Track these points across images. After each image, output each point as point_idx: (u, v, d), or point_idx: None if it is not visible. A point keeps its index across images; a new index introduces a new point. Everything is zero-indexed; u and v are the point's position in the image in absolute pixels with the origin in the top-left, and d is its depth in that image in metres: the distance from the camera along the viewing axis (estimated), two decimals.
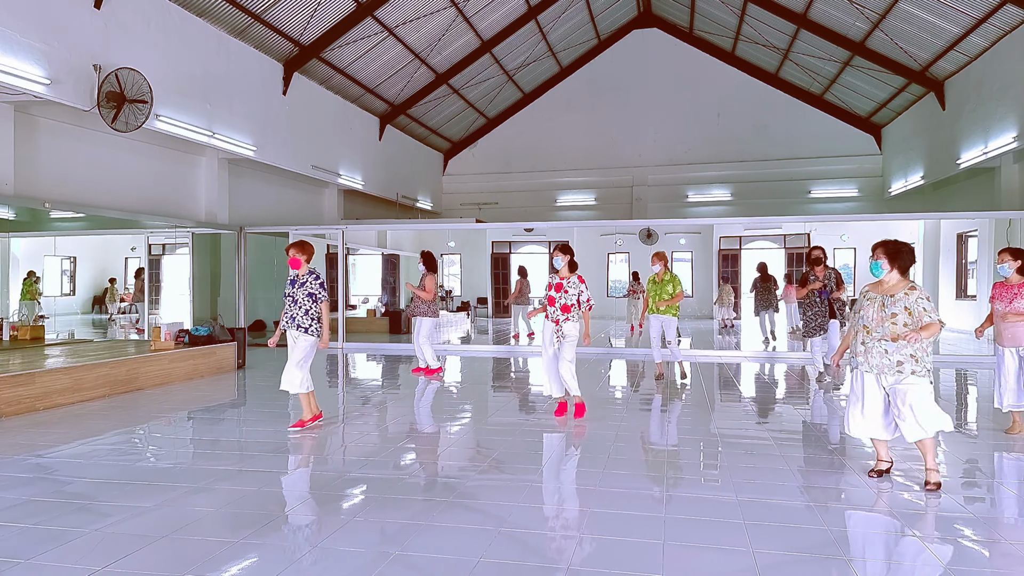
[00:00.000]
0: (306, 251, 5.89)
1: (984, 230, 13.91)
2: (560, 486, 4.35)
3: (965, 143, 13.52)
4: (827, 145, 19.21)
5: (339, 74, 14.14)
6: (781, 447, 5.26)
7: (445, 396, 7.90)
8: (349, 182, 15.51)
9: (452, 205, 21.60)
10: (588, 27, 18.71)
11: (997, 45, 12.08)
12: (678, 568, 3.06)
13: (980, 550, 3.34)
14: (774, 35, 16.61)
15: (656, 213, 20.18)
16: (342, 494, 4.17)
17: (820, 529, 3.54)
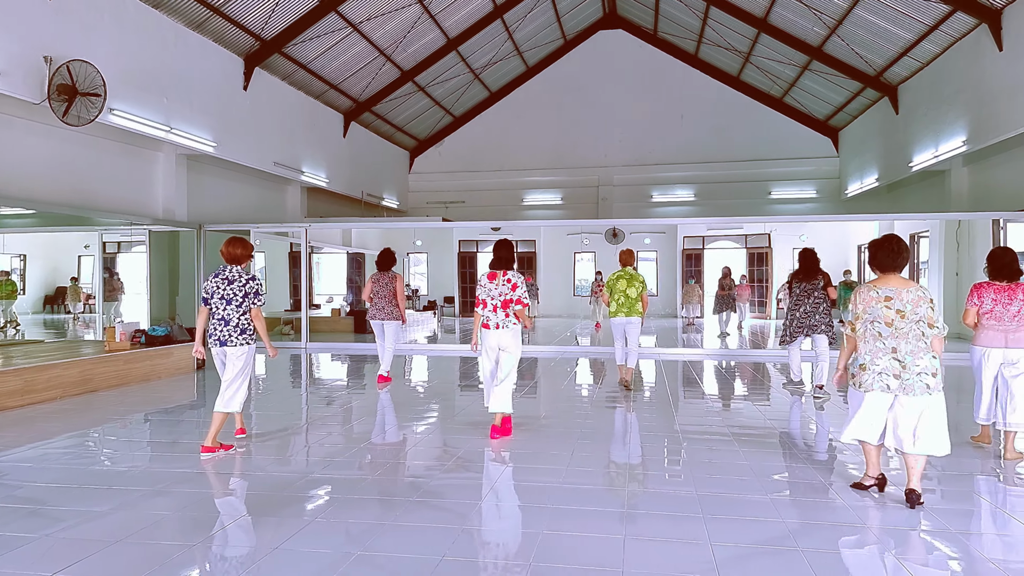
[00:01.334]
0: (248, 248, 5.29)
1: (935, 231, 14.38)
2: (524, 483, 4.36)
3: (917, 146, 13.95)
4: (786, 147, 19.64)
5: (302, 69, 13.94)
6: (741, 443, 5.36)
7: (412, 396, 7.86)
8: (313, 179, 15.30)
9: (418, 203, 21.50)
10: (554, 27, 18.79)
11: (948, 52, 12.49)
12: (638, 562, 3.10)
13: (931, 540, 3.45)
14: (735, 38, 16.91)
15: (622, 213, 20.40)
16: (304, 495, 4.12)
17: (777, 522, 3.62)
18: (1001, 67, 10.76)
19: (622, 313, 7.84)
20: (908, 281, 3.99)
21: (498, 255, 5.70)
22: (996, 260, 5.18)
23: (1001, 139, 11.03)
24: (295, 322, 13.70)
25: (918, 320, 3.87)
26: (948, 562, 3.22)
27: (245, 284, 5.12)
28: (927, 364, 3.84)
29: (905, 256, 4.02)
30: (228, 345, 5.07)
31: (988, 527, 3.68)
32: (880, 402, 3.94)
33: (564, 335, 15.35)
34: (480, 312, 5.65)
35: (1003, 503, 4.07)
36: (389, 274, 8.44)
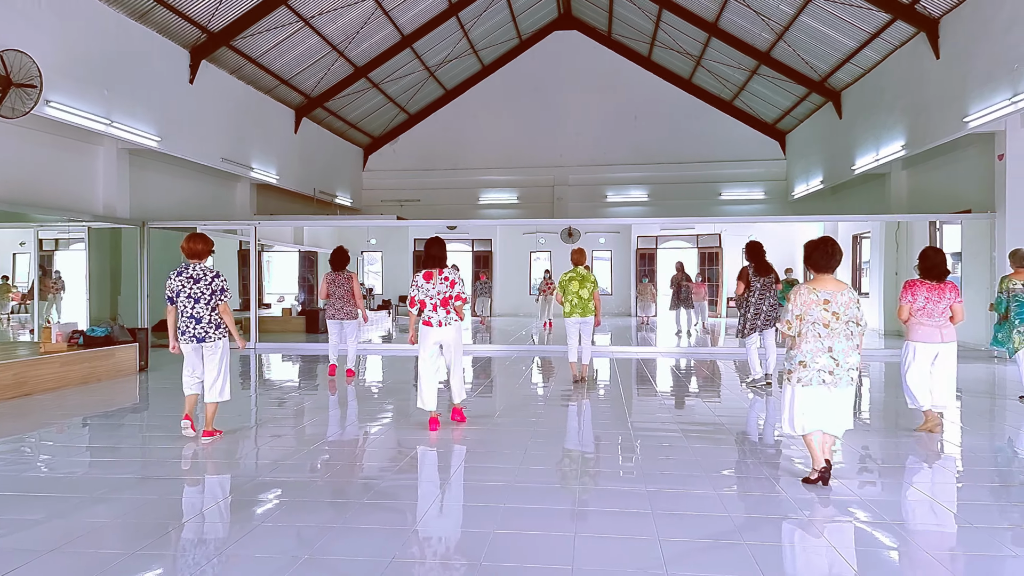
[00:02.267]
0: (208, 244, 5.38)
1: (876, 232, 14.94)
2: (476, 483, 4.35)
3: (859, 150, 14.45)
4: (736, 149, 20.11)
5: (251, 64, 13.61)
6: (691, 439, 5.46)
7: (366, 397, 7.76)
8: (262, 176, 14.97)
9: (373, 201, 21.26)
10: (509, 26, 18.81)
11: (888, 59, 12.97)
12: (588, 559, 3.13)
13: (872, 532, 3.58)
14: (687, 42, 17.22)
15: (577, 212, 20.56)
16: (253, 499, 4.03)
17: (724, 517, 3.70)
18: (937, 74, 11.23)
19: (576, 314, 7.91)
20: (841, 283, 4.22)
21: (432, 254, 5.79)
22: (927, 260, 5.46)
23: (936, 144, 11.51)
24: (244, 322, 13.38)
25: (848, 320, 4.11)
26: (886, 553, 3.33)
27: (211, 282, 5.27)
28: (854, 360, 4.14)
29: (838, 258, 4.24)
30: (207, 342, 5.27)
31: (924, 518, 3.82)
32: (817, 395, 4.16)
33: (519, 334, 15.39)
34: (414, 312, 5.76)
35: (936, 493, 4.24)
36: (344, 273, 8.41)
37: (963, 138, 11.07)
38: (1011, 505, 3.95)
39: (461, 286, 5.76)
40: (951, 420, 6.13)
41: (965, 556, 3.23)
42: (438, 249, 5.78)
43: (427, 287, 5.69)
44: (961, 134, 10.69)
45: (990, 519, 3.70)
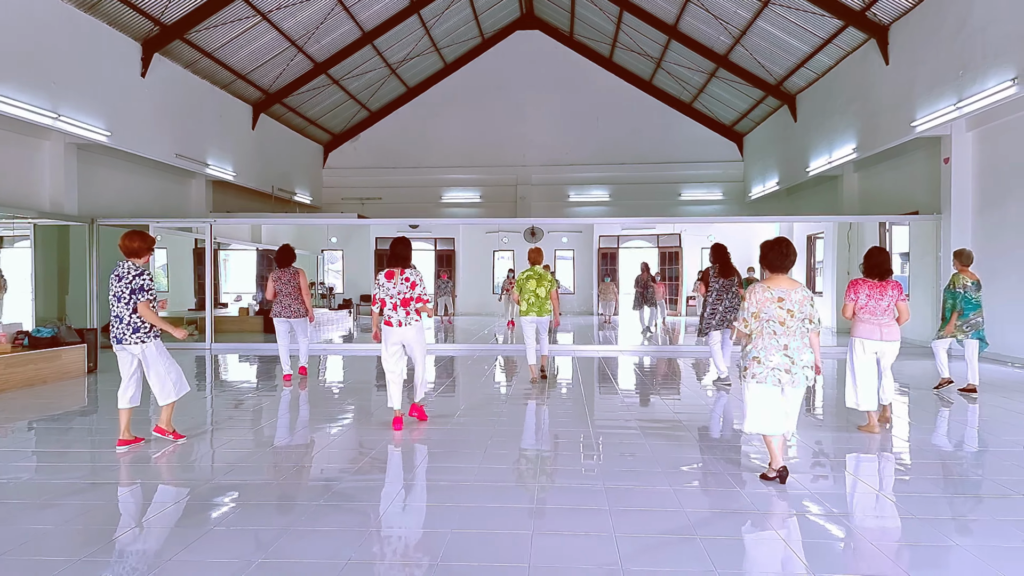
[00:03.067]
0: (147, 241, 5.14)
1: (829, 232, 15.35)
2: (436, 482, 4.33)
3: (813, 153, 14.83)
4: (695, 151, 20.44)
5: (206, 57, 13.30)
6: (649, 436, 5.53)
7: (326, 397, 7.65)
8: (219, 173, 14.64)
9: (333, 199, 20.99)
10: (472, 25, 18.77)
11: (840, 64, 13.34)
12: (544, 556, 3.14)
13: (823, 524, 3.67)
14: (648, 44, 17.43)
15: (540, 212, 20.64)
16: (208, 502, 3.94)
17: (679, 512, 3.76)
18: (887, 80, 11.59)
19: (533, 312, 7.97)
20: (795, 282, 4.29)
21: (396, 253, 5.77)
22: (870, 259, 5.65)
23: (886, 147, 11.89)
24: (199, 322, 13.08)
25: (803, 319, 4.19)
26: (835, 545, 3.42)
27: (132, 280, 5.01)
28: (808, 358, 4.21)
29: (792, 258, 4.33)
30: (123, 343, 5.04)
31: (871, 511, 3.94)
32: (774, 395, 4.23)
33: (482, 333, 15.37)
34: (375, 310, 5.78)
35: (883, 487, 4.38)
36: (291, 270, 8.25)
37: (911, 142, 11.45)
38: (953, 497, 4.11)
39: (422, 287, 5.74)
40: (898, 415, 6.34)
41: (910, 547, 3.34)
42: (403, 248, 5.76)
43: (388, 286, 5.70)
44: (909, 138, 11.06)
45: (934, 511, 3.84)
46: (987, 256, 10.42)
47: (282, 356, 8.34)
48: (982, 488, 4.24)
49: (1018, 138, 9.73)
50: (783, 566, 3.11)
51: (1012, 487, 4.21)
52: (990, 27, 8.91)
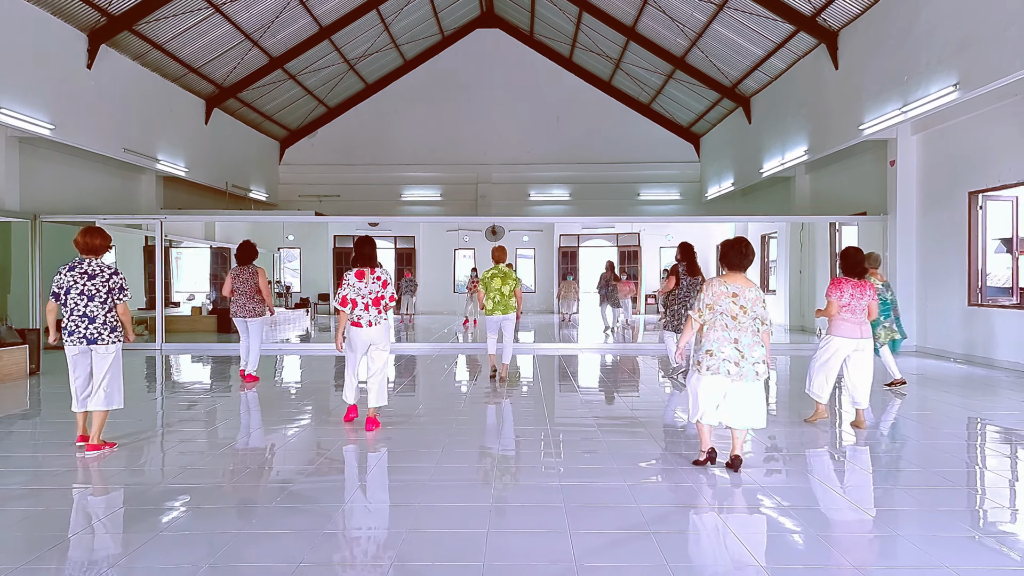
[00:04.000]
0: (106, 239, 5.05)
1: (782, 232, 15.73)
2: (393, 482, 4.30)
3: (767, 154, 15.17)
4: (654, 151, 20.71)
5: (156, 49, 12.91)
6: (607, 432, 5.58)
7: (282, 397, 7.52)
8: (170, 168, 14.24)
9: (290, 196, 20.62)
10: (431, 22, 18.65)
11: (792, 68, 13.67)
12: (499, 554, 3.15)
13: (775, 517, 3.76)
14: (607, 45, 17.58)
15: (500, 210, 20.64)
16: (158, 506, 3.82)
17: (633, 507, 3.80)
18: (836, 84, 11.92)
19: (499, 311, 8.02)
20: (750, 281, 4.45)
21: (363, 252, 5.70)
22: (850, 259, 5.77)
23: (835, 150, 12.23)
24: (149, 321, 12.71)
25: (755, 317, 4.35)
26: (787, 537, 3.51)
27: (109, 279, 4.94)
28: (759, 354, 4.36)
29: (751, 258, 4.47)
30: (99, 343, 4.91)
31: (822, 504, 4.05)
32: (720, 386, 4.38)
33: (443, 332, 15.31)
34: (347, 311, 5.63)
35: (832, 479, 4.51)
36: (250, 268, 8.09)
37: (859, 144, 11.81)
38: (902, 489, 4.25)
39: (392, 287, 5.72)
40: (848, 410, 6.54)
41: (859, 538, 3.45)
42: (369, 248, 5.71)
43: (359, 286, 5.61)
44: (857, 141, 11.40)
45: (884, 503, 3.97)
46: (930, 255, 10.83)
47: (243, 355, 8.17)
48: (926, 479, 4.39)
49: (959, 142, 10.12)
50: (735, 559, 3.18)
51: (953, 479, 4.38)
52: (934, 34, 9.24)
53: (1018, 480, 4.50)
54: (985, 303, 9.80)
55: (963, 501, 4.01)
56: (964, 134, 10.00)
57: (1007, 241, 10.03)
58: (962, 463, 4.85)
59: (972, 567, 3.04)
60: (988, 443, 5.61)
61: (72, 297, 4.85)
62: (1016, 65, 7.73)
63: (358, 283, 5.60)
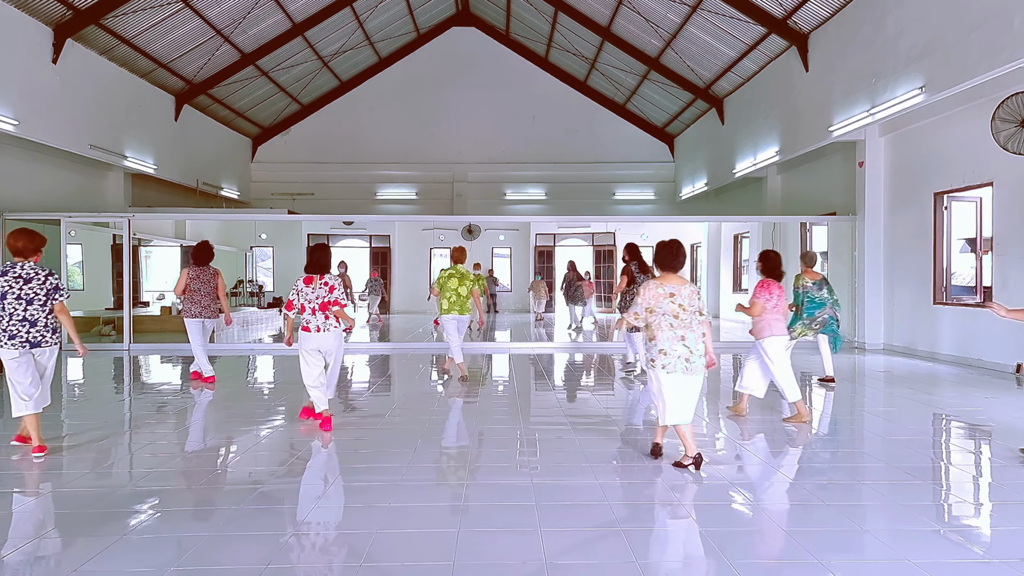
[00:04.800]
0: (35, 241, 4.86)
1: (754, 232, 15.91)
2: (363, 483, 4.25)
3: (739, 155, 15.34)
4: (629, 151, 20.83)
5: (125, 44, 12.65)
6: (578, 431, 5.60)
7: (254, 397, 7.42)
8: (138, 165, 13.96)
9: (263, 194, 20.35)
10: (407, 20, 18.55)
11: (764, 70, 13.84)
12: (469, 554, 3.13)
13: (743, 512, 3.80)
14: (583, 45, 17.64)
15: (476, 209, 20.60)
16: (121, 510, 3.74)
17: (603, 505, 3.81)
18: (807, 86, 12.09)
19: (455, 311, 8.03)
20: (684, 280, 4.62)
21: (314, 260, 5.77)
22: (770, 260, 6.01)
23: (806, 151, 12.41)
24: (117, 321, 12.46)
25: (694, 311, 4.52)
26: (752, 532, 3.55)
27: (45, 281, 4.82)
28: (702, 348, 4.55)
29: (682, 259, 4.68)
30: (43, 346, 4.86)
31: (783, 498, 4.10)
32: (680, 383, 4.50)
33: (417, 332, 15.23)
34: (290, 314, 5.76)
35: (793, 475, 4.57)
36: (211, 269, 8.00)
37: (829, 146, 11.99)
38: (859, 484, 4.32)
39: (340, 292, 5.71)
40: (812, 406, 6.63)
41: (817, 532, 3.49)
42: (322, 256, 5.76)
43: (307, 291, 5.69)
44: (827, 142, 11.58)
45: (841, 497, 4.03)
46: (897, 255, 11.04)
47: (200, 357, 8.03)
48: (888, 475, 4.47)
49: (925, 143, 10.33)
50: (703, 553, 3.20)
51: (918, 475, 4.46)
52: (901, 38, 9.41)
53: (981, 475, 4.60)
54: (950, 302, 10.02)
55: (928, 496, 4.09)
56: (930, 136, 10.20)
57: (971, 241, 10.27)
58: (927, 458, 4.94)
59: (934, 561, 3.10)
60: (953, 439, 5.73)
61: (9, 302, 4.71)
62: (981, 68, 7.91)
63: (306, 288, 5.70)
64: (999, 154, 8.40)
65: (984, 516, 3.80)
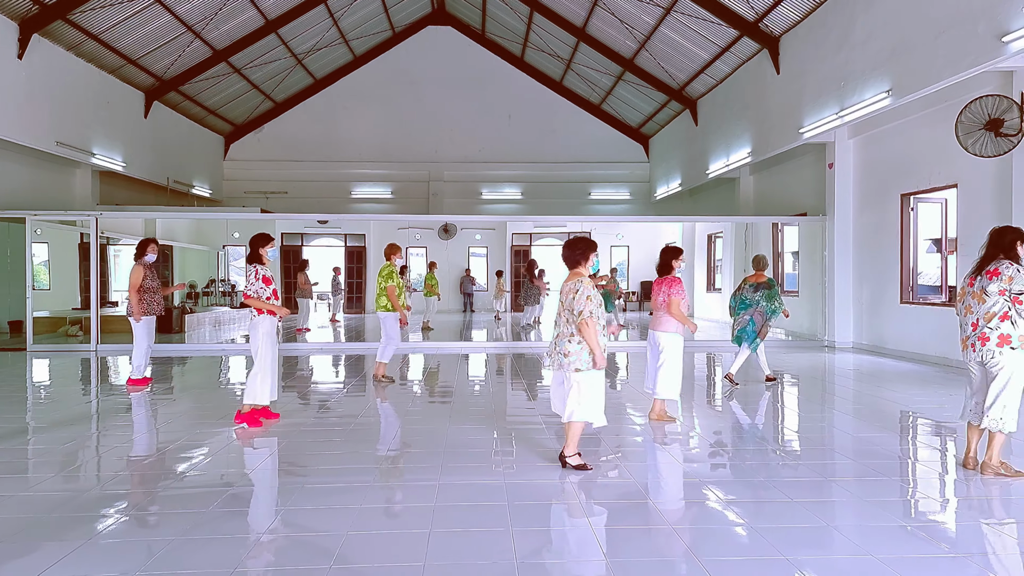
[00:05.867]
0: None
1: (728, 232, 16.10)
2: (334, 484, 4.22)
3: (712, 156, 15.51)
4: (604, 151, 20.95)
5: (93, 40, 12.40)
6: (551, 430, 5.61)
7: (222, 396, 7.32)
8: (107, 163, 13.70)
9: (235, 193, 20.09)
10: (382, 18, 18.44)
11: (737, 72, 14.00)
12: (440, 556, 3.13)
13: (723, 510, 3.84)
14: (558, 45, 17.69)
15: (452, 209, 20.56)
16: (85, 515, 3.66)
17: (574, 504, 3.84)
18: (778, 88, 12.27)
19: (380, 308, 8.07)
20: (575, 274, 4.50)
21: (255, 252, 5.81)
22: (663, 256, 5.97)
23: (777, 152, 12.60)
24: (84, 321, 12.21)
25: (566, 309, 4.42)
26: (725, 530, 3.60)
27: None
28: (566, 347, 4.40)
29: (567, 254, 4.54)
30: None
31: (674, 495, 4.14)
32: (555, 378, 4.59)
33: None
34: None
35: (682, 472, 4.64)
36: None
37: (800, 147, 12.18)
38: (826, 481, 4.39)
39: (250, 283, 5.64)
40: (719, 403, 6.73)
41: (788, 530, 3.55)
42: (251, 242, 5.80)
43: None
44: (797, 144, 11.76)
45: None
46: (865, 255, 11.25)
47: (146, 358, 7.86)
48: (855, 472, 4.55)
49: (893, 145, 10.54)
50: (674, 552, 3.23)
51: (882, 471, 4.55)
52: (868, 42, 9.59)
53: (947, 472, 4.70)
54: (916, 301, 10.24)
55: (895, 492, 4.17)
56: (898, 138, 10.41)
57: (937, 241, 10.50)
58: (893, 455, 5.04)
59: (898, 556, 3.16)
60: (919, 436, 5.86)
61: None
62: (945, 72, 8.09)
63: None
64: (964, 157, 8.60)
65: (949, 512, 3.89)
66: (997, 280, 4.22)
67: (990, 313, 4.24)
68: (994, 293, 4.22)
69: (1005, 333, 4.19)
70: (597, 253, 4.64)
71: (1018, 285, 4.15)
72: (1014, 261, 4.26)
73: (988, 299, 4.25)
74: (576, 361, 4.36)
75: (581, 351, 4.35)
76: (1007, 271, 4.21)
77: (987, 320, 4.25)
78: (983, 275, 4.31)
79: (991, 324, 4.23)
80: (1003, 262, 4.27)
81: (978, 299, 4.32)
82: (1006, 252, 4.30)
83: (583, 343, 4.35)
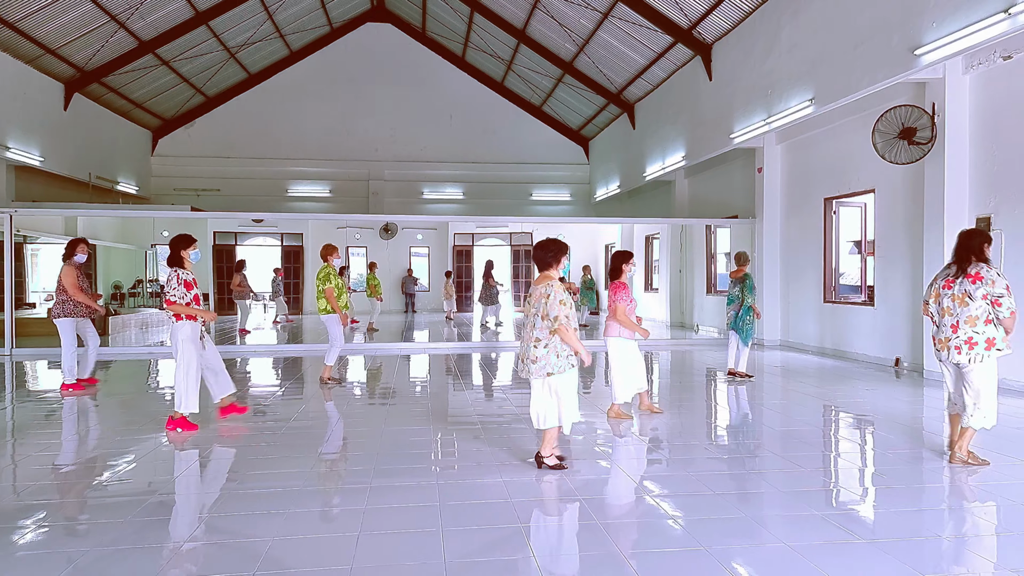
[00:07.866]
0: None
1: (664, 233, 16.48)
2: (257, 490, 4.12)
3: (649, 159, 15.85)
4: (545, 153, 21.13)
5: (7, 28, 11.73)
6: (489, 431, 5.63)
7: (150, 401, 7.03)
8: (22, 157, 12.97)
9: (164, 190, 19.34)
10: (319, 13, 18.09)
11: (672, 77, 14.36)
12: (367, 558, 3.10)
13: (659, 505, 3.93)
14: (499, 46, 17.74)
15: (393, 208, 20.35)
16: (7, 525, 3.48)
17: (505, 503, 3.86)
18: (710, 94, 12.64)
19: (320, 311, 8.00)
20: (544, 278, 4.43)
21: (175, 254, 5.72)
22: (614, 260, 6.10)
23: (710, 156, 12.98)
24: None
25: (535, 314, 4.36)
26: (657, 523, 3.68)
27: None
28: (533, 353, 4.36)
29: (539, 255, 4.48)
30: None
31: (623, 493, 4.28)
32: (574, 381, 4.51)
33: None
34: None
35: (635, 471, 4.78)
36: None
37: (731, 152, 12.57)
38: (749, 473, 4.56)
39: (171, 287, 5.51)
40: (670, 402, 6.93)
41: (710, 520, 3.67)
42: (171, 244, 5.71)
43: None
44: (728, 148, 12.14)
45: (732, 486, 4.24)
46: (792, 256, 11.70)
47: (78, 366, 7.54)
48: (778, 464, 4.74)
49: (817, 151, 10.99)
50: (606, 551, 3.29)
51: (805, 463, 4.75)
52: (793, 51, 9.99)
53: (867, 466, 4.93)
54: (838, 300, 10.73)
55: (818, 482, 4.36)
56: (821, 144, 10.87)
57: (857, 243, 11.03)
58: (816, 448, 5.27)
59: (808, 543, 3.31)
60: (840, 429, 6.14)
61: None
62: (863, 83, 8.50)
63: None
64: (881, 163, 9.05)
65: (868, 501, 4.09)
66: (981, 284, 4.36)
67: (972, 317, 4.38)
68: (979, 297, 4.36)
69: (991, 337, 4.37)
70: (569, 257, 4.61)
71: (998, 288, 4.33)
72: (983, 263, 4.42)
73: (972, 303, 4.38)
74: (546, 366, 4.32)
75: (548, 355, 4.32)
76: (988, 275, 4.36)
77: (970, 324, 4.38)
78: (964, 278, 4.44)
79: (976, 328, 4.37)
80: (981, 266, 4.41)
81: (960, 302, 4.44)
82: (977, 255, 4.46)
83: (549, 347, 4.31)
